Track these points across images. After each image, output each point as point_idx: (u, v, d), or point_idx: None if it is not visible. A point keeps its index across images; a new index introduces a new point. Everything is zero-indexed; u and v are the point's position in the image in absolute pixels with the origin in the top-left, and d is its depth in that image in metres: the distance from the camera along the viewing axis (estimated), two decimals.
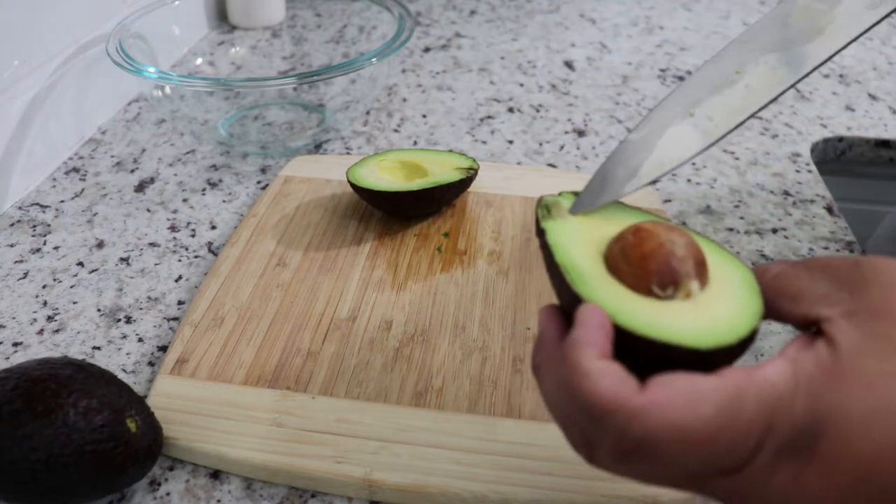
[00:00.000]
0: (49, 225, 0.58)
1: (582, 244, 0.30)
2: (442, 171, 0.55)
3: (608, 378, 0.25)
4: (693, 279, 0.27)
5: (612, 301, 0.27)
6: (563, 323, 0.28)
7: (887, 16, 0.31)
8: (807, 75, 0.31)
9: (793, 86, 0.31)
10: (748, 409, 0.24)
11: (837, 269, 0.27)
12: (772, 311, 0.28)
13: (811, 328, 0.27)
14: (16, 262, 0.54)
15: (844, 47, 0.31)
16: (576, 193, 0.33)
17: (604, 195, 0.32)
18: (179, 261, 0.55)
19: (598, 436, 0.25)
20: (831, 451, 0.23)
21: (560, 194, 0.33)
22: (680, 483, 0.26)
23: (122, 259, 0.55)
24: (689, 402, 0.24)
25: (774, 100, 0.31)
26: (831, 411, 0.23)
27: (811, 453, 0.24)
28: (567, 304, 0.29)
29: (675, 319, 0.26)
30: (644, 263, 0.28)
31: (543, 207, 0.32)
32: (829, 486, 0.24)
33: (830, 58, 0.31)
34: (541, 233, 0.31)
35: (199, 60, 0.83)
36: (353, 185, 0.54)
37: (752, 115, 0.31)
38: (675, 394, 0.24)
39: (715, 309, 0.27)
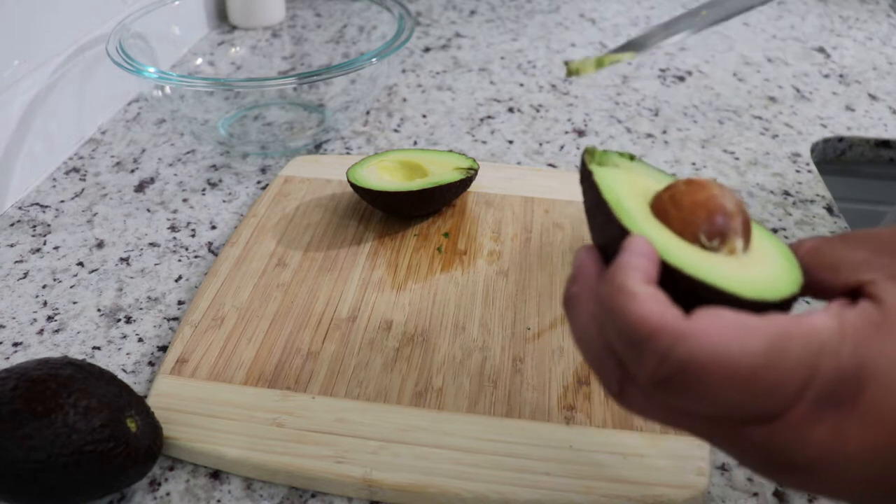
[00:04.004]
0: (49, 225, 0.58)
1: (628, 189, 0.30)
2: (442, 171, 0.55)
3: (654, 300, 0.24)
4: (739, 237, 0.27)
5: (659, 239, 0.27)
6: (601, 260, 0.28)
7: None
8: None
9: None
10: (794, 351, 0.23)
11: (875, 237, 0.27)
12: (811, 283, 0.27)
13: (852, 295, 0.26)
14: (16, 262, 0.54)
15: None
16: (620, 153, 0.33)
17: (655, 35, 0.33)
18: (179, 261, 0.55)
19: (637, 362, 0.24)
20: (874, 402, 0.23)
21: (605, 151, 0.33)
22: (711, 428, 0.25)
23: (122, 259, 0.55)
24: (737, 334, 0.23)
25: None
26: (878, 360, 0.23)
27: (853, 405, 0.23)
28: (610, 241, 0.28)
29: (720, 268, 0.26)
30: (694, 210, 0.28)
31: (590, 153, 0.31)
32: (868, 440, 0.23)
33: None
34: (587, 175, 0.30)
35: (199, 60, 0.83)
36: (353, 185, 0.54)
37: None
38: (723, 324, 0.23)
39: (757, 270, 0.27)
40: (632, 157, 0.32)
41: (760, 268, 0.27)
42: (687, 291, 0.25)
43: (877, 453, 0.23)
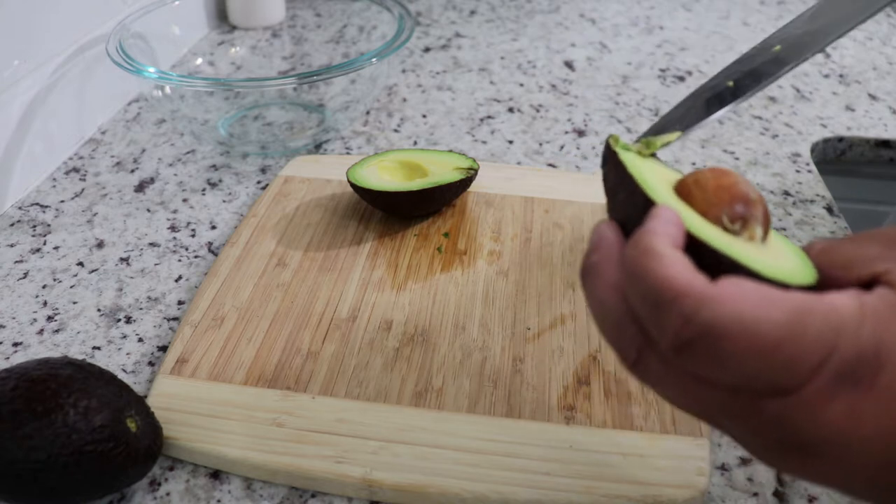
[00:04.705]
0: (49, 225, 0.58)
1: (651, 172, 0.30)
2: (442, 171, 0.55)
3: (681, 264, 0.24)
4: (760, 225, 0.28)
5: (684, 214, 0.27)
6: (622, 234, 0.28)
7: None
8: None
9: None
10: (815, 326, 0.23)
11: (884, 234, 0.27)
12: (824, 281, 0.27)
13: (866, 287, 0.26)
14: (16, 262, 0.54)
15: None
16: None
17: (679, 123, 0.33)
18: (179, 261, 0.55)
19: (660, 325, 0.24)
20: (892, 383, 0.23)
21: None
22: (725, 399, 0.25)
23: (122, 259, 0.55)
24: (761, 303, 0.23)
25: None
26: None
27: (870, 384, 0.23)
28: (633, 215, 0.28)
29: (743, 249, 0.26)
30: (719, 192, 0.28)
31: (614, 139, 0.32)
32: (883, 423, 0.23)
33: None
34: (611, 155, 0.31)
35: (199, 60, 0.83)
36: (353, 185, 0.54)
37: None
38: (748, 292, 0.23)
39: (774, 259, 0.27)
40: (651, 154, 0.33)
41: (778, 258, 0.27)
42: (710, 265, 0.26)
43: (890, 440, 0.23)
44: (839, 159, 0.73)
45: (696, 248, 0.26)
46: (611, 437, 0.39)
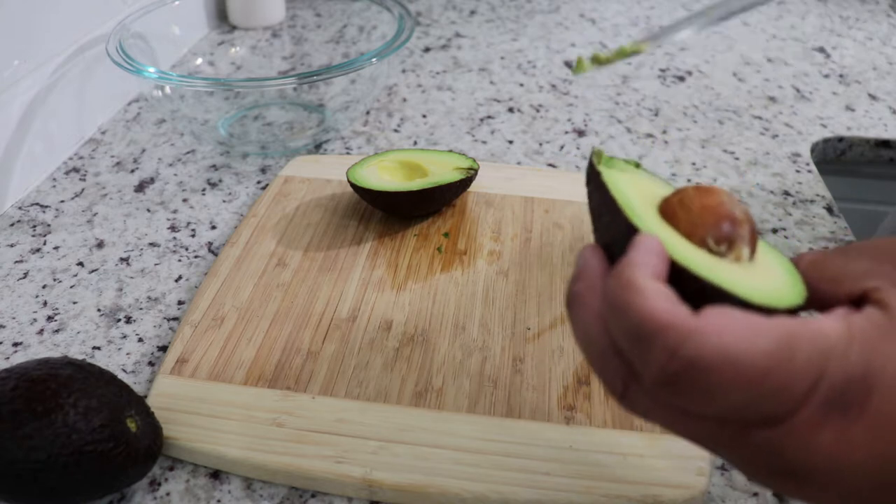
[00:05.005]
0: (49, 225, 0.58)
1: (635, 191, 0.30)
2: (442, 171, 0.55)
3: (663, 297, 0.24)
4: (746, 245, 0.27)
5: (668, 239, 0.27)
6: (606, 259, 0.28)
7: None
8: None
9: None
10: (803, 352, 0.23)
11: (875, 247, 0.27)
12: (813, 295, 0.27)
13: (856, 304, 0.26)
14: (16, 262, 0.54)
15: None
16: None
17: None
18: (179, 261, 0.55)
19: (644, 359, 0.24)
20: (882, 408, 0.23)
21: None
22: (714, 430, 0.24)
23: (122, 259, 0.55)
24: (746, 333, 0.23)
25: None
26: (886, 366, 0.23)
27: (860, 410, 0.23)
28: (617, 239, 0.28)
29: (728, 273, 0.26)
30: (704, 214, 0.27)
31: (597, 155, 0.31)
32: (876, 448, 0.23)
33: None
34: (594, 175, 0.30)
35: (199, 60, 0.83)
36: (353, 185, 0.54)
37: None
38: (732, 322, 0.23)
39: (762, 280, 0.26)
40: (637, 165, 0.32)
41: (765, 278, 0.27)
42: (695, 292, 0.25)
43: (883, 462, 0.23)
44: (839, 159, 0.73)
45: (679, 276, 0.26)
46: (611, 437, 0.39)
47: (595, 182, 0.30)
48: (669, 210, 0.28)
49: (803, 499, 0.25)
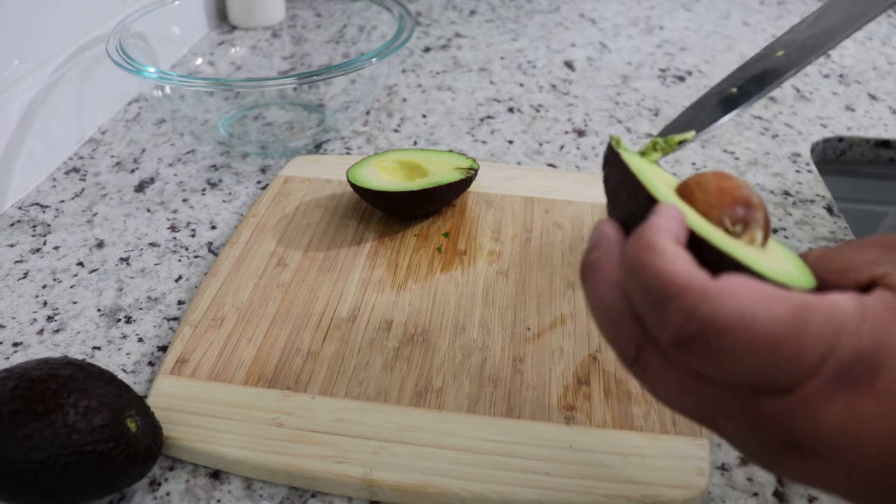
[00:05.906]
0: (49, 225, 0.58)
1: (653, 173, 0.30)
2: (442, 171, 0.55)
3: (683, 259, 0.24)
4: (760, 229, 0.28)
5: (686, 213, 0.27)
6: (623, 232, 0.28)
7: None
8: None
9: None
10: (816, 323, 0.23)
11: (881, 240, 0.27)
12: (822, 286, 0.27)
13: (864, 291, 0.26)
14: (16, 262, 0.54)
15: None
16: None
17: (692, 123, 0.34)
18: (179, 261, 0.55)
19: (661, 320, 0.24)
20: (891, 387, 0.23)
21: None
22: (724, 397, 0.25)
23: (122, 259, 0.55)
24: (763, 299, 0.23)
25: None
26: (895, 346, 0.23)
27: (869, 385, 0.23)
28: (635, 214, 0.28)
29: (744, 250, 0.26)
30: (721, 195, 0.28)
31: (616, 141, 0.32)
32: (883, 425, 0.23)
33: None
34: (613, 156, 0.31)
35: (199, 60, 0.83)
36: (353, 185, 0.54)
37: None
38: (750, 289, 0.23)
39: (775, 264, 0.27)
40: (662, 154, 0.33)
41: (778, 264, 0.27)
42: (712, 263, 0.26)
43: (890, 439, 0.23)
44: (839, 159, 0.73)
45: (697, 246, 0.26)
46: (611, 437, 0.39)
47: (614, 161, 0.31)
48: (687, 191, 0.29)
49: (805, 478, 0.25)
